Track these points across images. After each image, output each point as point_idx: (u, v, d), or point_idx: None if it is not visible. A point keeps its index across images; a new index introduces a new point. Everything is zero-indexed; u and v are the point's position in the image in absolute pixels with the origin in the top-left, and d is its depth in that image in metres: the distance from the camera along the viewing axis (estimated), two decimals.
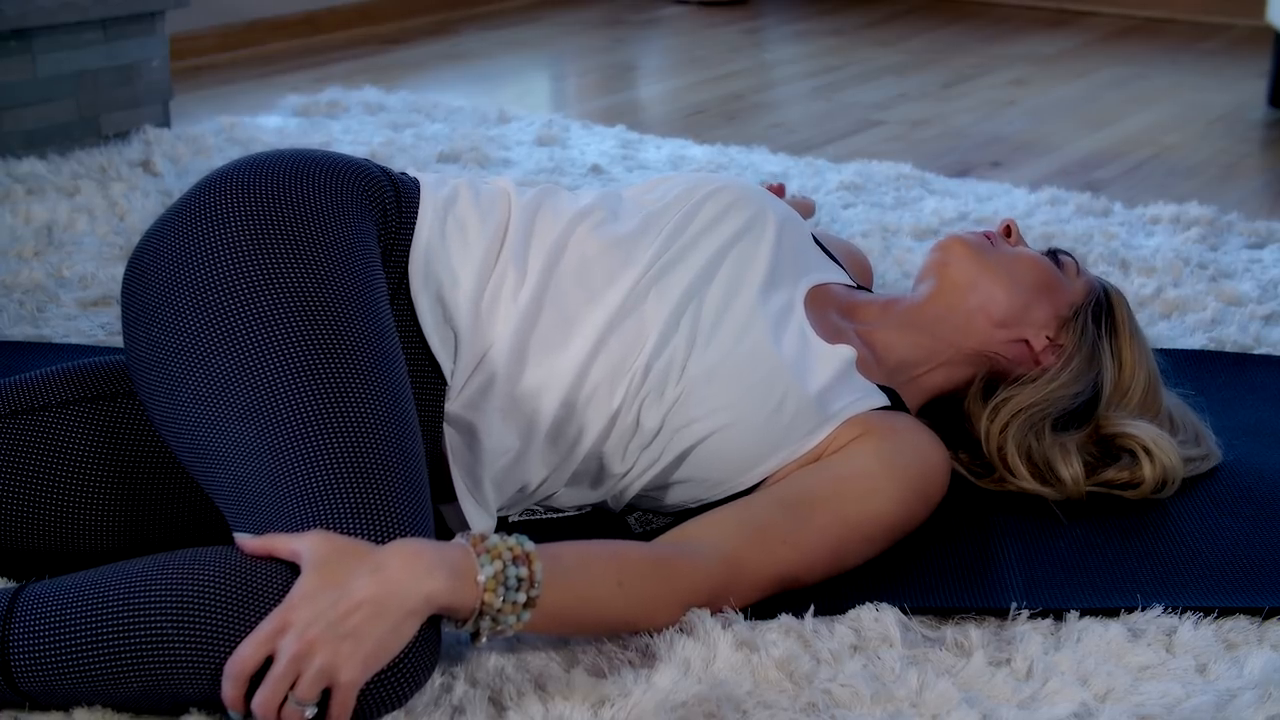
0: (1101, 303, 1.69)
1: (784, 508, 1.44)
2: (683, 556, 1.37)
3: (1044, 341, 1.66)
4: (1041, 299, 1.67)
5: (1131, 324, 1.69)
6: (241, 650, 1.14)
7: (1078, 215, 2.70)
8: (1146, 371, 1.67)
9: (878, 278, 2.38)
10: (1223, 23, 4.74)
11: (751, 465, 1.51)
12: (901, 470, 1.49)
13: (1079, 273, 1.72)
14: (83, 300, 2.22)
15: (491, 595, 1.19)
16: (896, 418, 1.55)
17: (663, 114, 3.68)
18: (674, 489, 1.53)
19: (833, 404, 1.52)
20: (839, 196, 2.81)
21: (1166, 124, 3.52)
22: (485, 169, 2.96)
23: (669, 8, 5.07)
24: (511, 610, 1.20)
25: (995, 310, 1.66)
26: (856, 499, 1.46)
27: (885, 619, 1.38)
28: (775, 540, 1.41)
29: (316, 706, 1.15)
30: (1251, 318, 2.21)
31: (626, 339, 1.46)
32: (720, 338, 1.49)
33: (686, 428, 1.48)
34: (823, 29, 4.74)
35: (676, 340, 1.47)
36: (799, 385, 1.50)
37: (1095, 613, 1.41)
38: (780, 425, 1.50)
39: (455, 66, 4.14)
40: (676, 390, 1.47)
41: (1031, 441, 1.61)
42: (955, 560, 1.52)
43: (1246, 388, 1.93)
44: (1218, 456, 1.72)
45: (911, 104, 3.73)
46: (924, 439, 1.54)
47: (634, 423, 1.47)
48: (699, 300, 1.50)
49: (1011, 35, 4.62)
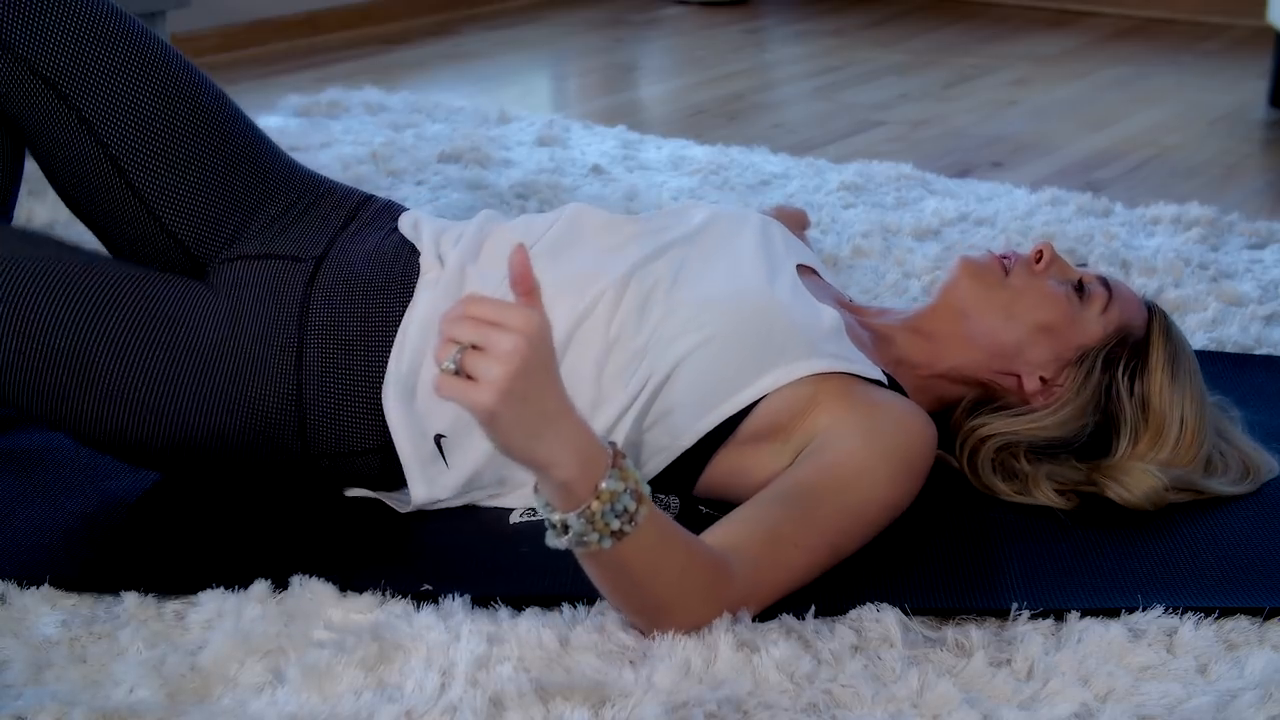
0: (1126, 345, 1.61)
1: (786, 505, 1.43)
2: (728, 564, 1.36)
3: (1037, 384, 1.63)
4: (1042, 339, 1.62)
5: (1172, 369, 1.60)
6: (452, 310, 1.16)
7: (1078, 215, 2.70)
8: (1185, 420, 1.59)
9: (879, 278, 2.38)
10: (1223, 23, 4.74)
11: (740, 386, 1.50)
12: (889, 449, 1.48)
13: (1107, 309, 1.62)
14: None
15: (599, 505, 1.21)
16: (878, 391, 1.54)
17: (664, 114, 3.68)
18: (666, 421, 1.51)
19: (825, 347, 1.53)
20: (840, 197, 2.81)
21: (1167, 124, 3.52)
22: (486, 169, 2.96)
23: (670, 8, 5.07)
24: (604, 530, 1.22)
25: (987, 343, 1.63)
26: (853, 487, 1.45)
27: (886, 619, 1.38)
28: (787, 544, 1.40)
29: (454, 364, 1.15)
30: (1252, 318, 2.21)
31: (612, 269, 1.54)
32: (710, 268, 1.55)
33: (671, 344, 1.49)
34: (824, 29, 4.74)
35: (660, 264, 1.55)
36: (790, 316, 1.52)
37: (1096, 613, 1.41)
38: (772, 348, 1.50)
39: (456, 67, 4.14)
40: (663, 308, 1.51)
41: (1009, 463, 1.62)
42: (956, 560, 1.52)
43: (1247, 388, 1.93)
44: (1273, 471, 1.67)
45: (912, 104, 3.73)
46: (905, 412, 1.52)
47: (616, 338, 1.50)
48: (688, 244, 1.60)
49: (1012, 35, 4.62)
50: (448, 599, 1.40)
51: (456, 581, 1.43)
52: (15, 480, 1.65)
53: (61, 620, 1.39)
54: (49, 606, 1.41)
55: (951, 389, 1.67)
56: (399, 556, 1.49)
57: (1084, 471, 1.62)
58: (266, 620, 1.37)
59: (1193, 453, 1.60)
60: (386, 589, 1.42)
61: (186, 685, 1.29)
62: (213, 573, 1.45)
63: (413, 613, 1.39)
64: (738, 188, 2.88)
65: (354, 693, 1.28)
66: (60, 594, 1.43)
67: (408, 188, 2.84)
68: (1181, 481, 1.60)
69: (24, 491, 1.62)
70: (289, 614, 1.38)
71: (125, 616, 1.40)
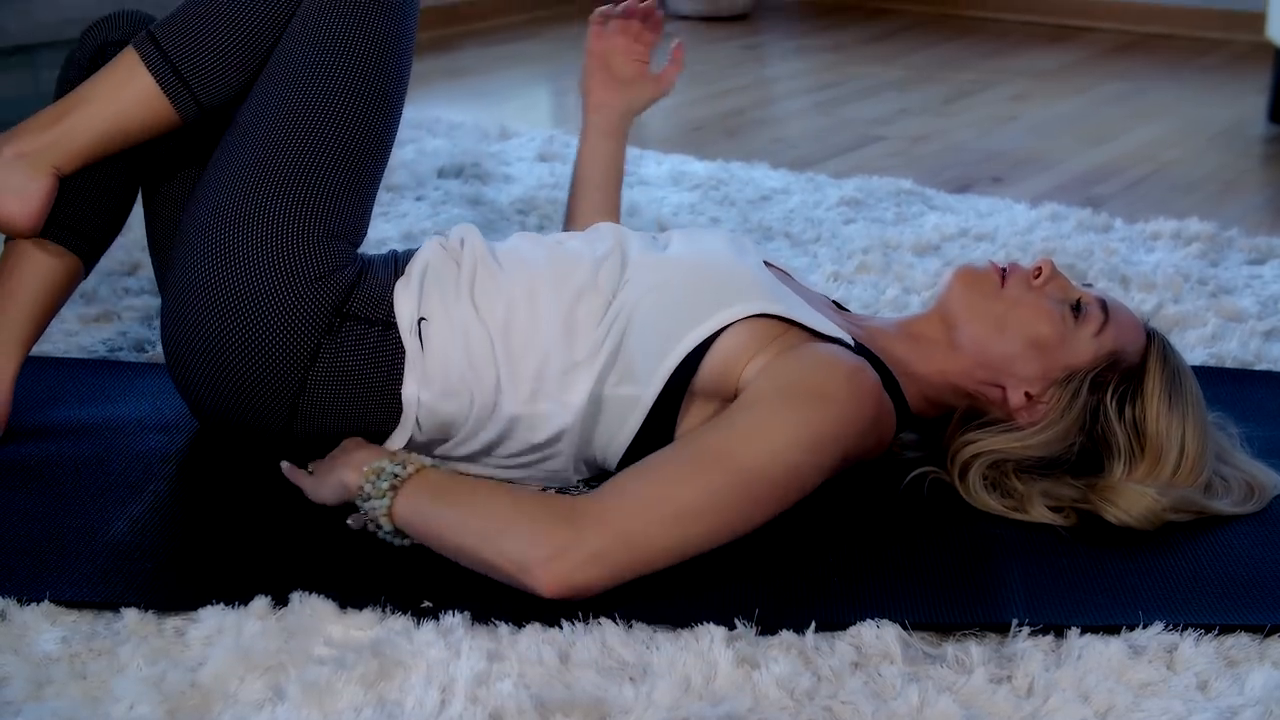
0: (1117, 370, 1.60)
1: (676, 443, 1.50)
2: (566, 499, 1.44)
3: (1021, 399, 1.62)
4: (1031, 355, 1.62)
5: (1169, 396, 1.59)
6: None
7: (1078, 231, 2.70)
8: (1185, 448, 1.59)
9: (879, 293, 2.38)
10: (1223, 38, 4.75)
11: (695, 322, 1.55)
12: (793, 380, 1.49)
13: (1101, 331, 1.61)
14: (84, 316, 2.22)
15: (368, 476, 1.50)
16: (825, 344, 1.56)
17: (664, 130, 3.69)
18: (632, 373, 1.56)
19: (785, 300, 1.58)
20: (840, 212, 2.81)
21: (1167, 139, 3.53)
22: (486, 185, 2.96)
23: (670, 23, 5.08)
24: (379, 493, 1.48)
25: (974, 351, 1.63)
26: (740, 409, 1.48)
27: (886, 635, 1.38)
28: (657, 462, 1.45)
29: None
30: (1252, 334, 2.21)
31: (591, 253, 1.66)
32: (678, 249, 1.67)
33: (633, 292, 1.59)
34: (823, 44, 4.75)
35: (633, 252, 1.66)
36: (753, 273, 1.60)
37: (1096, 630, 1.41)
38: (728, 291, 1.57)
39: (456, 82, 4.15)
40: (630, 271, 1.62)
41: (1002, 480, 1.62)
42: (956, 576, 1.52)
43: (1247, 404, 1.93)
44: (1277, 489, 1.66)
45: (912, 119, 3.74)
46: (831, 353, 1.52)
47: (583, 295, 1.60)
48: (661, 241, 1.72)
49: (1012, 51, 4.63)
50: (448, 615, 1.40)
51: (457, 597, 1.43)
52: (14, 496, 1.65)
53: (62, 637, 1.38)
54: (49, 623, 1.41)
55: (938, 395, 1.67)
56: (399, 572, 1.49)
57: (1080, 490, 1.61)
58: (267, 636, 1.37)
59: (1193, 479, 1.60)
60: (387, 605, 1.42)
61: (187, 702, 1.29)
62: (213, 589, 1.45)
63: (413, 629, 1.39)
64: (738, 203, 2.88)
65: (354, 709, 1.28)
66: (60, 610, 1.43)
67: (408, 203, 2.85)
68: (1182, 503, 1.60)
69: (23, 507, 1.62)
70: (289, 630, 1.38)
71: (125, 633, 1.40)
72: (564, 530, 1.39)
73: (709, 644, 1.35)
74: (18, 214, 1.67)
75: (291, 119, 1.64)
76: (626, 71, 1.98)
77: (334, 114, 1.65)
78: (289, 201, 1.61)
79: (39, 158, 1.67)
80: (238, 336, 1.59)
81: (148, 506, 1.63)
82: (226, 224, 1.60)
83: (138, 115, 1.68)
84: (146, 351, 2.12)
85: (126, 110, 1.68)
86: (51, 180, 1.68)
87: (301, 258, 1.60)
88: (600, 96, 1.98)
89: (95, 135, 1.68)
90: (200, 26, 1.68)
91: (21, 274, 1.76)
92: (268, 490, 1.65)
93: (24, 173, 1.67)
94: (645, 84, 1.99)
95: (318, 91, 1.65)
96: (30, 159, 1.67)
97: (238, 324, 1.59)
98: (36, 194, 1.67)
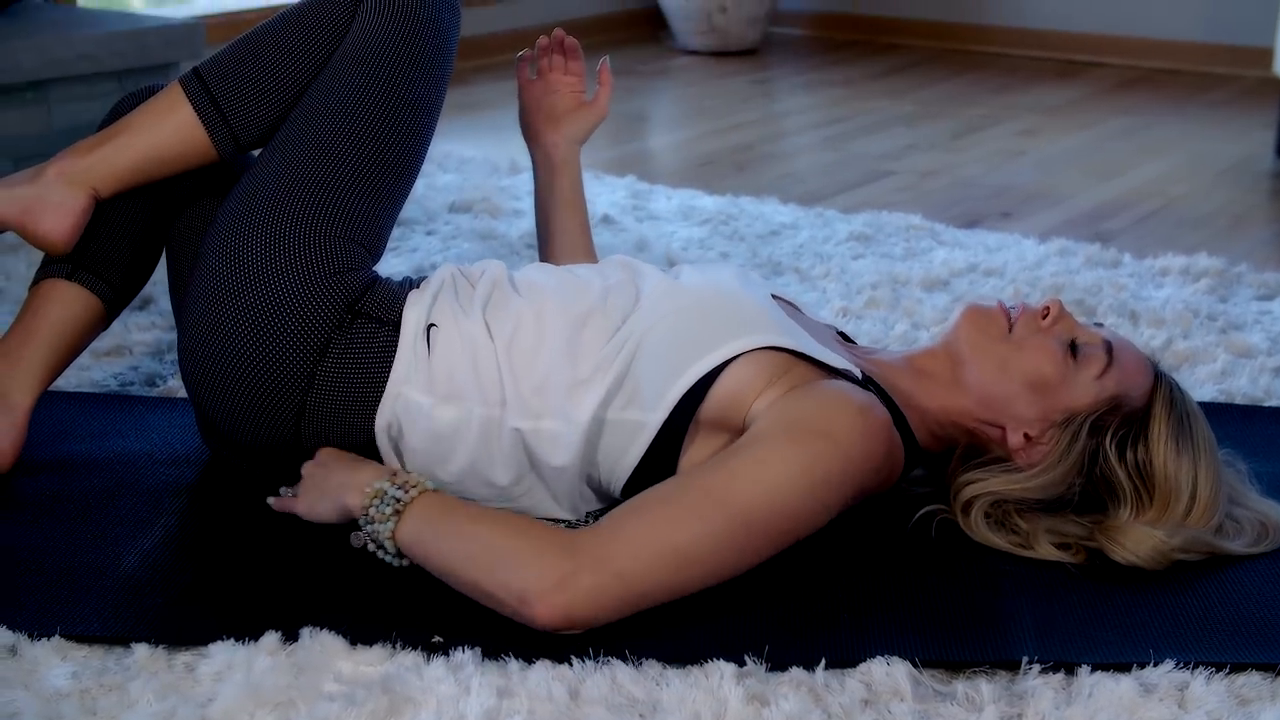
0: (1118, 414, 1.59)
1: (678, 477, 1.49)
2: (567, 532, 1.43)
3: (1021, 440, 1.62)
4: (1031, 396, 1.61)
5: (1177, 441, 1.58)
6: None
7: (1087, 266, 2.71)
8: (1197, 493, 1.58)
9: (887, 328, 2.39)
10: (1230, 74, 4.76)
11: (704, 351, 1.56)
12: (797, 418, 1.49)
13: (1103, 374, 1.60)
14: (96, 350, 2.23)
15: (370, 499, 1.52)
16: (833, 380, 1.56)
17: (673, 164, 3.70)
18: (638, 397, 1.57)
19: (794, 334, 1.58)
20: (849, 247, 2.82)
21: (1175, 175, 3.53)
22: (497, 219, 2.97)
23: (679, 58, 5.10)
24: (382, 517, 1.50)
25: (977, 391, 1.63)
26: (743, 449, 1.47)
27: (896, 672, 1.38)
28: (656, 500, 1.44)
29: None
30: (1262, 370, 2.21)
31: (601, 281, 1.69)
32: (684, 278, 1.69)
33: (644, 318, 1.60)
34: (832, 79, 4.76)
35: (645, 275, 1.69)
36: (760, 305, 1.61)
37: (1107, 667, 1.41)
38: (736, 322, 1.58)
39: (467, 117, 4.16)
40: (642, 299, 1.64)
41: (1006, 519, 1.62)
42: (966, 612, 1.51)
43: (1258, 440, 1.93)
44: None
45: (921, 154, 3.75)
46: (838, 391, 1.52)
47: (590, 317, 1.62)
48: (669, 273, 1.73)
49: (1020, 86, 4.64)
50: (458, 651, 1.40)
51: (467, 633, 1.43)
52: (26, 530, 1.65)
53: (72, 672, 1.39)
54: (59, 658, 1.41)
55: (942, 430, 1.67)
56: (409, 607, 1.49)
57: (1086, 528, 1.61)
58: (277, 672, 1.37)
59: (1205, 521, 1.59)
60: (397, 641, 1.42)
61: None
62: (223, 624, 1.45)
63: (423, 665, 1.39)
64: (747, 238, 2.89)
65: None
66: (71, 645, 1.43)
67: (419, 237, 2.86)
68: (1192, 543, 1.59)
69: (35, 542, 1.63)
70: (299, 666, 1.38)
71: (135, 668, 1.40)
72: (564, 563, 1.39)
73: (719, 681, 1.35)
74: (53, 230, 1.73)
75: (317, 147, 1.68)
76: (564, 105, 2.02)
77: (361, 144, 1.70)
78: (309, 204, 1.65)
79: (78, 178, 1.73)
80: (249, 327, 1.61)
81: (158, 541, 1.64)
82: (246, 224, 1.65)
83: (176, 146, 1.74)
84: (158, 386, 2.12)
85: (166, 140, 1.74)
86: (88, 200, 1.74)
87: (318, 252, 1.63)
88: (547, 136, 2.02)
89: (134, 162, 1.74)
90: (245, 66, 1.74)
91: (45, 314, 1.80)
92: (278, 524, 1.66)
93: (62, 191, 1.73)
94: (583, 112, 2.03)
95: (347, 123, 1.70)
96: (69, 179, 1.73)
97: (250, 315, 1.61)
98: (72, 212, 1.73)
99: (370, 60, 1.72)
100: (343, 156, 1.68)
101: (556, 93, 2.02)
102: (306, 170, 1.67)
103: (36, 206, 1.71)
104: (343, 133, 1.69)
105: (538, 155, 2.04)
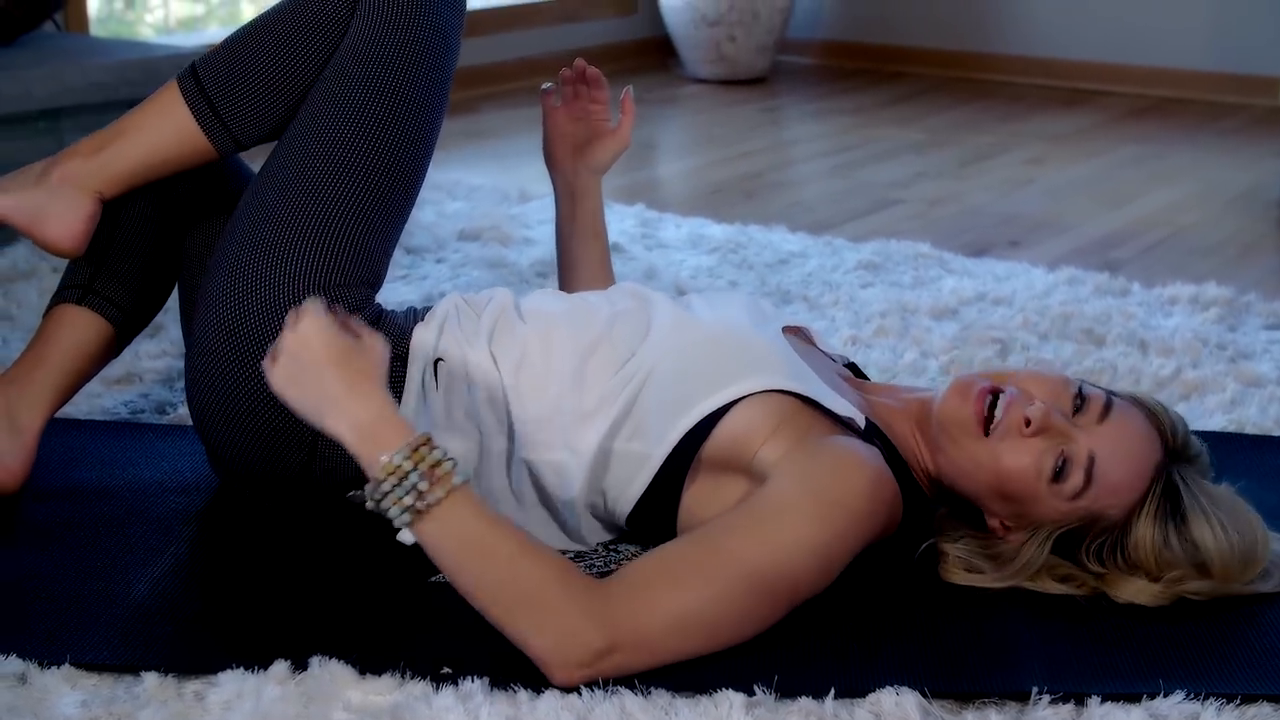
0: (1092, 527, 1.56)
1: (699, 534, 1.46)
2: (599, 582, 1.40)
3: (997, 524, 1.61)
4: (999, 502, 1.59)
5: (1166, 539, 1.53)
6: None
7: (1096, 295, 2.71)
8: (1209, 562, 1.54)
9: (896, 357, 2.39)
10: (1239, 103, 4.77)
11: (711, 390, 1.55)
12: (819, 488, 1.47)
13: (1079, 496, 1.53)
14: (106, 378, 2.24)
15: (385, 476, 1.37)
16: (838, 435, 1.55)
17: (682, 192, 3.71)
18: (643, 430, 1.56)
19: (802, 377, 1.57)
20: (858, 276, 2.82)
21: (1184, 203, 3.54)
22: (506, 247, 2.98)
23: (688, 86, 5.12)
24: (397, 504, 1.37)
25: (950, 475, 1.61)
26: (771, 520, 1.45)
27: (906, 703, 1.38)
28: (686, 567, 1.41)
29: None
30: (1271, 399, 2.21)
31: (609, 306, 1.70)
32: (698, 312, 1.68)
33: (652, 350, 1.60)
34: (841, 108, 4.78)
35: (656, 305, 1.69)
36: (770, 345, 1.60)
37: (1117, 698, 1.40)
38: (745, 361, 1.58)
39: (476, 145, 4.18)
40: (651, 330, 1.64)
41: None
42: (975, 642, 1.51)
43: (1267, 470, 1.92)
44: None
45: (930, 182, 3.76)
46: (852, 454, 1.50)
47: (598, 346, 1.62)
48: (679, 301, 1.74)
49: (1028, 114, 4.65)
50: (467, 680, 1.40)
51: (476, 662, 1.43)
52: (35, 558, 1.66)
53: (81, 700, 1.39)
54: (69, 686, 1.41)
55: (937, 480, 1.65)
56: (418, 635, 1.49)
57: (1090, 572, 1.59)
58: (286, 701, 1.37)
59: (1229, 584, 1.56)
60: (406, 670, 1.42)
61: None
62: (233, 652, 1.45)
63: (432, 694, 1.39)
64: (756, 266, 2.89)
65: None
66: (80, 674, 1.43)
67: (428, 265, 2.86)
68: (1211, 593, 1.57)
69: (44, 569, 1.63)
70: (308, 695, 1.38)
71: (145, 697, 1.40)
72: (594, 638, 1.36)
73: (728, 710, 1.34)
74: (63, 236, 1.74)
75: (322, 158, 1.68)
76: (588, 134, 2.01)
77: (366, 154, 1.69)
78: (315, 239, 1.64)
79: (83, 182, 1.75)
80: (255, 375, 1.60)
81: (168, 569, 1.64)
82: (251, 255, 1.64)
83: (177, 148, 1.76)
84: (168, 414, 2.13)
85: (166, 142, 1.75)
86: (95, 204, 1.75)
87: (324, 295, 1.62)
88: (570, 165, 2.01)
89: (136, 163, 1.75)
90: (240, 64, 1.74)
91: (56, 339, 1.81)
92: (287, 553, 1.66)
93: (69, 197, 1.74)
94: (606, 141, 2.01)
95: (351, 130, 1.69)
96: (74, 183, 1.74)
97: (256, 354, 1.60)
98: (79, 216, 1.74)
99: (373, 61, 1.71)
100: (351, 169, 1.67)
101: (581, 121, 2.01)
102: (313, 192, 1.66)
103: (45, 213, 1.73)
104: (348, 144, 1.68)
105: (559, 184, 2.03)
